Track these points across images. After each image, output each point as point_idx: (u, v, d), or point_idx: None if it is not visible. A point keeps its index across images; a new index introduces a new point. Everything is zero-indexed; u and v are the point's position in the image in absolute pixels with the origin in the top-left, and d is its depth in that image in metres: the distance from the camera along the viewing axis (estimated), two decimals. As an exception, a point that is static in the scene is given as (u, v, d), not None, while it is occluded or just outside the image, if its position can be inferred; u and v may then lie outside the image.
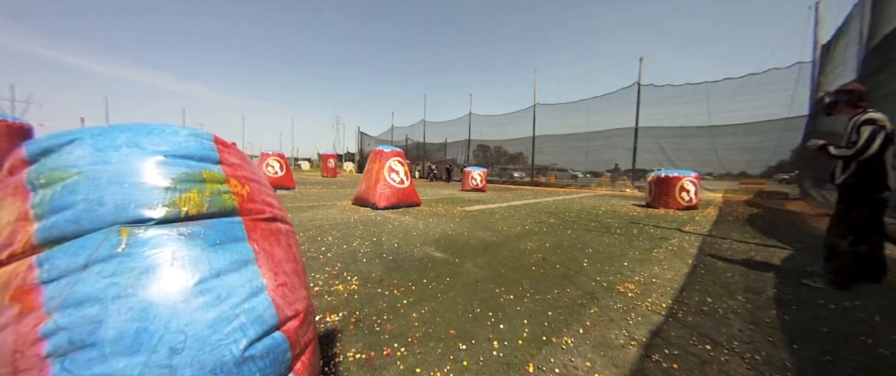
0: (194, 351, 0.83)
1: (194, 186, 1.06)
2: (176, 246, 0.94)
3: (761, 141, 12.82)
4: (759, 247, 4.22)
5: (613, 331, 1.92)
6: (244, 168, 1.28)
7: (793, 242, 4.45)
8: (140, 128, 1.10)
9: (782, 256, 3.74)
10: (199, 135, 1.18)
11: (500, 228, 5.12)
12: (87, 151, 0.98)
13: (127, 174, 0.97)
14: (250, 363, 0.91)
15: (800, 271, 3.18)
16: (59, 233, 0.88)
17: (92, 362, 0.76)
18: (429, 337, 1.78)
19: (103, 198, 0.92)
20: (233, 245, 1.05)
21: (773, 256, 3.73)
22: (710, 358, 1.68)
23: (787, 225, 5.99)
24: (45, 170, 0.94)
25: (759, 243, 4.43)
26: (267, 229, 1.21)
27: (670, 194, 8.27)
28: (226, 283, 0.96)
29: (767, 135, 12.63)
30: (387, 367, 1.51)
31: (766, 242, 4.48)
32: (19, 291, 0.83)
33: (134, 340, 0.79)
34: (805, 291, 2.66)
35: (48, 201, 0.90)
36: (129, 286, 0.84)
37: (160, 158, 1.04)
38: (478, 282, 2.68)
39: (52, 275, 0.83)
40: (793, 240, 4.56)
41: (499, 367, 1.54)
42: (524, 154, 22.06)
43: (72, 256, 0.85)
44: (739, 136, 13.43)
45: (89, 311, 0.80)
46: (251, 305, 0.97)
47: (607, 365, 1.59)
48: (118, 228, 0.91)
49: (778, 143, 12.33)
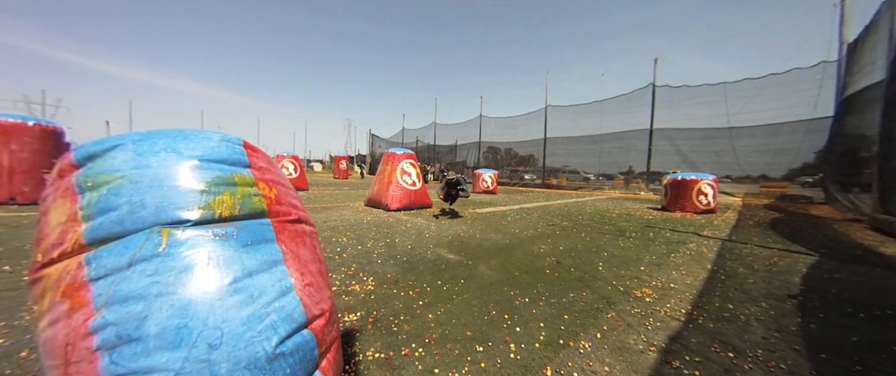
0: (230, 348, 0.87)
1: (227, 189, 1.10)
2: (211, 246, 0.99)
3: (784, 143, 12.39)
4: (783, 252, 4.09)
5: (631, 336, 1.90)
6: (271, 171, 1.33)
7: (818, 248, 4.29)
8: (176, 133, 1.15)
9: (808, 263, 3.61)
10: (230, 141, 1.23)
11: (512, 231, 5.10)
12: (129, 156, 1.03)
13: (166, 178, 1.02)
14: (281, 360, 0.94)
15: (826, 278, 3.07)
16: (105, 233, 0.93)
17: (137, 356, 0.80)
18: (445, 339, 1.79)
19: (145, 200, 0.97)
20: (263, 246, 1.09)
21: (798, 262, 3.61)
22: (733, 365, 1.65)
23: (812, 230, 5.78)
24: (91, 173, 1.00)
25: (782, 248, 4.29)
26: (293, 231, 1.25)
27: (687, 197, 8.08)
28: (257, 283, 1.00)
29: (790, 136, 12.20)
30: (405, 367, 1.53)
31: (790, 248, 4.34)
32: (70, 288, 0.88)
33: (175, 336, 0.83)
34: (832, 298, 2.56)
35: (95, 203, 0.96)
36: (169, 284, 0.89)
37: (195, 162, 1.09)
38: (492, 284, 2.69)
39: (99, 273, 0.89)
40: (818, 246, 4.40)
41: (517, 370, 1.54)
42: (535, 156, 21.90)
43: (117, 255, 0.90)
44: (760, 138, 13.01)
45: (134, 308, 0.84)
46: (281, 304, 1.01)
47: (627, 371, 1.57)
48: (158, 229, 0.96)
49: (801, 145, 11.90)
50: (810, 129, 11.44)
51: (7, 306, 2.04)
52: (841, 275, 3.15)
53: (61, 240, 0.94)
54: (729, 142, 13.59)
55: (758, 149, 13.02)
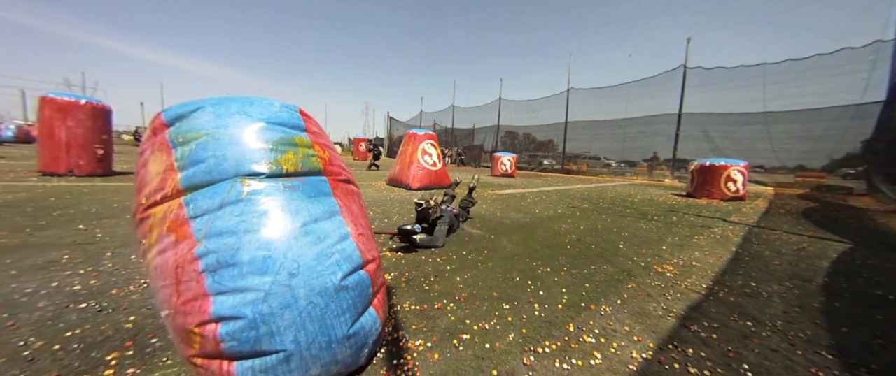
0: (306, 277, 1.03)
1: (290, 149, 1.25)
2: (282, 195, 1.14)
3: (825, 129, 11.58)
4: (813, 239, 3.99)
5: (651, 304, 1.99)
6: (322, 136, 1.47)
7: (853, 237, 4.15)
8: (244, 100, 1.30)
9: (839, 249, 3.52)
10: (289, 107, 1.37)
11: (532, 211, 5.17)
12: (210, 117, 1.19)
13: (241, 136, 1.18)
14: (345, 292, 1.10)
15: (858, 264, 3.01)
16: (197, 180, 1.10)
17: (235, 277, 0.97)
18: (474, 297, 1.94)
19: (227, 154, 1.13)
20: (323, 198, 1.24)
21: (829, 249, 3.53)
22: (751, 332, 1.71)
23: (849, 219, 5.54)
24: (181, 131, 1.16)
25: (813, 236, 4.18)
26: (345, 188, 1.40)
27: (715, 184, 7.83)
28: (322, 227, 1.16)
29: (833, 123, 11.39)
30: (439, 317, 1.69)
31: (822, 235, 4.22)
32: (174, 224, 1.06)
33: (262, 264, 1.00)
34: (861, 282, 2.54)
35: (187, 156, 1.12)
36: (253, 223, 1.05)
37: (263, 125, 1.24)
38: (515, 255, 2.81)
39: (197, 212, 1.06)
40: (853, 235, 4.25)
41: (541, 325, 1.67)
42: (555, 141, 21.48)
43: (210, 198, 1.07)
44: (799, 124, 12.20)
45: (229, 240, 1.01)
46: (342, 247, 1.16)
47: (646, 331, 1.67)
48: (239, 179, 1.12)
49: (845, 133, 11.11)
50: (857, 115, 10.65)
51: (90, 255, 2.34)
52: (874, 262, 3.08)
53: (162, 186, 1.12)
54: (764, 128, 12.86)
55: (796, 136, 12.27)
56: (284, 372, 1.00)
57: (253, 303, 0.96)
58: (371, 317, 1.22)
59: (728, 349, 1.55)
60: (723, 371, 1.39)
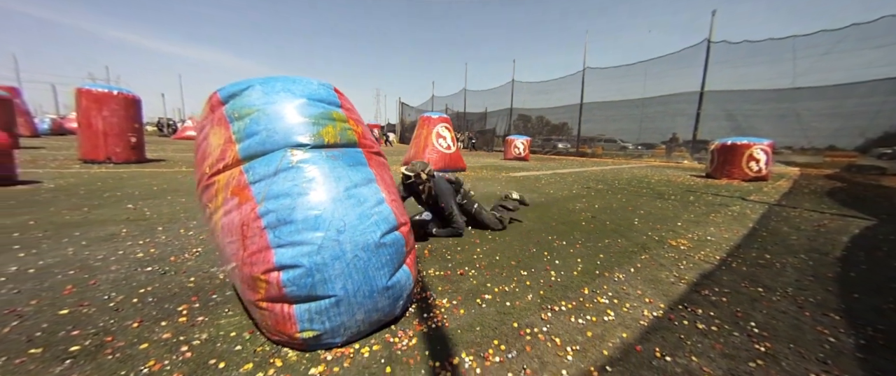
0: (351, 234, 1.18)
1: (329, 123, 1.38)
2: (327, 164, 1.28)
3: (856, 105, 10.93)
4: (835, 216, 3.93)
5: (663, 273, 2.08)
6: (354, 112, 1.59)
7: (879, 214, 4.06)
8: (286, 79, 1.43)
9: (862, 225, 3.48)
10: (325, 85, 1.50)
11: (547, 191, 5.24)
12: (259, 94, 1.32)
13: (287, 111, 1.31)
14: (384, 248, 1.25)
15: (880, 239, 2.98)
16: (253, 151, 1.25)
17: (292, 233, 1.13)
18: (493, 265, 2.08)
19: (276, 127, 1.27)
20: (360, 167, 1.38)
21: (851, 225, 3.49)
22: (761, 297, 1.79)
23: (877, 199, 5.37)
24: (236, 107, 1.31)
25: (836, 213, 4.11)
26: (377, 160, 1.53)
27: (736, 163, 7.65)
28: (361, 192, 1.29)
29: (866, 98, 10.76)
30: (462, 281, 1.84)
31: (845, 213, 4.14)
32: (237, 188, 1.22)
33: (315, 222, 1.15)
34: (881, 255, 2.54)
35: (244, 129, 1.27)
36: (304, 188, 1.20)
37: (304, 101, 1.37)
38: (531, 231, 2.92)
39: (255, 178, 1.21)
40: (880, 212, 4.15)
41: (558, 288, 1.80)
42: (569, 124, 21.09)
43: (265, 166, 1.22)
44: (829, 100, 11.58)
45: (285, 202, 1.16)
46: (379, 209, 1.30)
47: (657, 295, 1.77)
48: (288, 150, 1.26)
49: (881, 108, 10.51)
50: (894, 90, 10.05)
51: (144, 230, 2.59)
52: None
53: (223, 156, 1.27)
54: (791, 105, 12.28)
55: (825, 113, 11.69)
56: (335, 314, 1.16)
57: (309, 255, 1.11)
58: (405, 273, 1.37)
59: (737, 310, 1.64)
60: (730, 327, 1.49)
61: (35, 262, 1.93)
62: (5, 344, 1.20)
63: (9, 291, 1.59)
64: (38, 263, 1.91)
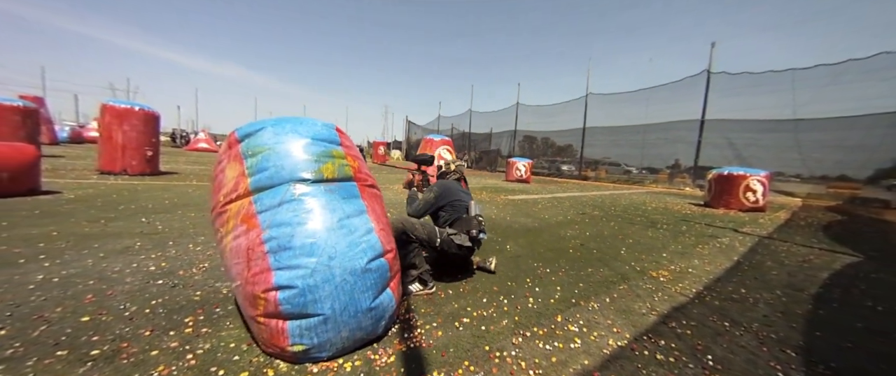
0: (341, 260, 1.36)
1: (329, 160, 1.59)
2: (324, 197, 1.48)
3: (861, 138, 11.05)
4: (824, 251, 4.00)
5: (637, 303, 2.20)
6: (353, 149, 1.80)
7: (868, 251, 4.12)
8: (295, 120, 1.65)
9: (846, 262, 3.55)
10: (328, 126, 1.72)
11: (542, 216, 5.38)
12: (270, 135, 1.54)
13: (293, 150, 1.52)
14: (369, 273, 1.42)
15: (860, 277, 3.06)
16: (262, 184, 1.45)
17: (290, 257, 1.31)
18: (476, 290, 2.22)
19: (283, 164, 1.48)
20: (353, 199, 1.57)
21: (835, 261, 3.56)
22: (724, 331, 1.90)
23: (874, 234, 5.41)
24: (250, 146, 1.52)
25: (825, 248, 4.18)
26: (370, 192, 1.73)
27: (733, 194, 7.73)
28: (353, 223, 1.48)
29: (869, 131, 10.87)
30: (445, 304, 1.99)
31: (835, 248, 4.21)
32: (246, 216, 1.41)
33: (310, 248, 1.33)
34: (856, 293, 2.63)
35: (255, 165, 1.48)
36: (303, 218, 1.39)
37: (309, 140, 1.58)
38: (519, 257, 3.06)
39: (262, 208, 1.41)
40: (870, 250, 4.21)
41: (532, 314, 1.93)
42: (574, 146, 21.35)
43: (271, 198, 1.42)
44: (832, 132, 11.70)
45: (286, 230, 1.35)
46: (367, 238, 1.48)
47: (626, 325, 1.90)
48: (292, 184, 1.46)
49: (882, 142, 10.58)
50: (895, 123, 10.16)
51: (156, 243, 2.79)
52: (879, 276, 3.12)
53: (236, 188, 1.48)
54: (793, 136, 12.41)
55: (827, 145, 11.77)
56: (323, 331, 1.32)
57: (303, 277, 1.29)
58: (388, 296, 1.53)
59: (698, 343, 1.75)
60: (687, 359, 1.60)
61: (59, 272, 2.12)
62: (36, 346, 1.38)
63: (37, 298, 1.78)
64: (61, 273, 2.11)
